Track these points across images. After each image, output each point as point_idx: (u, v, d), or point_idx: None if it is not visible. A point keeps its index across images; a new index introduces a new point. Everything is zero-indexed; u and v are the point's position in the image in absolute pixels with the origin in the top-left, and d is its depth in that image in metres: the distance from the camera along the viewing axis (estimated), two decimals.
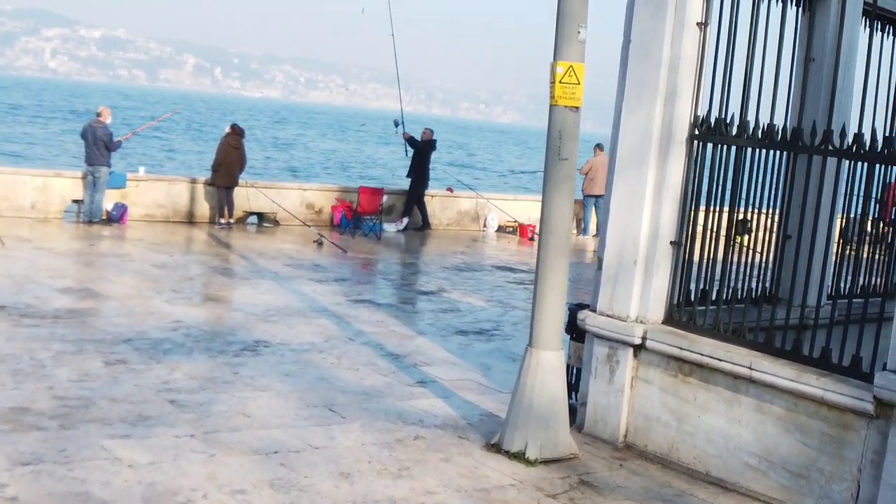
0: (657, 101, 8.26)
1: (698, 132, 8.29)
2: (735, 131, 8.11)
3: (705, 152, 8.30)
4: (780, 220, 8.58)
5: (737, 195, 8.26)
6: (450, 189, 26.36)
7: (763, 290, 8.95)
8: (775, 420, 7.54)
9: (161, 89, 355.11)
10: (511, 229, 25.71)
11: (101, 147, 19.82)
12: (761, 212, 8.34)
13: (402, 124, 23.40)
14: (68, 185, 20.54)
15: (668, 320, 8.47)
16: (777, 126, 8.03)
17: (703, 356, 7.93)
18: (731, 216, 8.33)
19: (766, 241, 8.87)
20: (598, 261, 8.85)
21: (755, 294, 8.79)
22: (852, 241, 8.99)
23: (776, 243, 8.92)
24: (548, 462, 7.91)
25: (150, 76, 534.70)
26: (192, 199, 21.73)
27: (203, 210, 21.78)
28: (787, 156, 8.40)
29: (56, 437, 7.41)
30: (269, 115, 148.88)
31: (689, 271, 8.53)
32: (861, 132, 7.41)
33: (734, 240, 8.49)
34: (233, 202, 21.43)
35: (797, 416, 7.40)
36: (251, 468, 7.18)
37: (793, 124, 8.35)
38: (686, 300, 8.53)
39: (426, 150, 24.24)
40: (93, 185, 19.95)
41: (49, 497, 6.35)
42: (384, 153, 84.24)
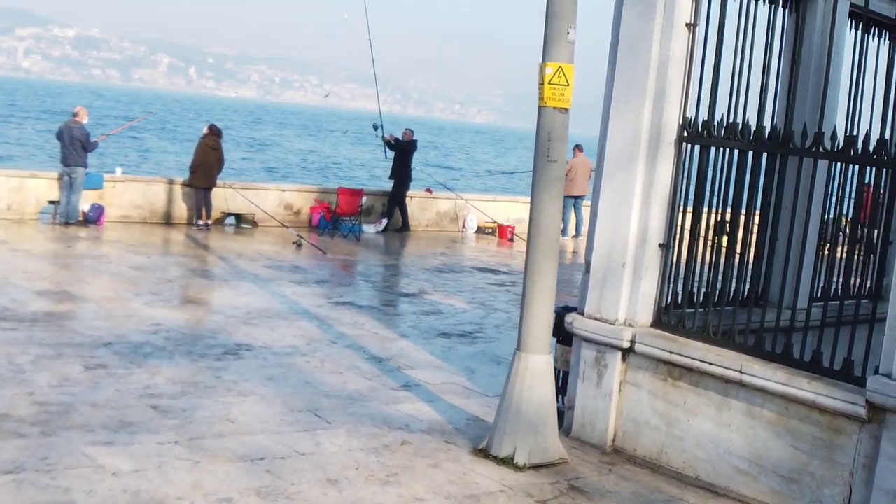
0: (646, 103, 8.19)
1: (687, 134, 8.22)
2: (725, 133, 8.06)
3: (694, 154, 8.24)
4: (765, 221, 8.54)
5: (727, 197, 8.21)
6: (428, 190, 26.27)
7: (750, 292, 8.90)
8: (766, 424, 7.48)
9: (135, 89, 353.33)
10: (490, 230, 25.63)
11: (77, 147, 19.60)
12: (751, 213, 8.28)
13: (381, 127, 23.29)
14: (44, 186, 20.30)
15: (657, 323, 8.40)
16: (767, 128, 7.98)
17: (694, 360, 7.87)
18: (721, 219, 8.28)
19: (754, 243, 8.83)
20: (586, 263, 8.78)
21: (743, 296, 8.73)
22: (833, 242, 8.95)
23: (763, 245, 8.84)
24: (537, 467, 7.83)
25: (124, 76, 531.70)
26: (170, 200, 21.54)
27: (180, 211, 21.60)
28: (776, 158, 8.33)
29: (37, 445, 7.27)
30: (245, 116, 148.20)
31: (677, 274, 8.47)
32: (854, 135, 7.36)
33: (716, 241, 8.43)
34: (211, 203, 21.26)
35: (788, 420, 7.35)
36: (237, 475, 7.07)
37: (779, 126, 8.28)
38: (675, 303, 8.47)
39: (409, 151, 24.13)
40: (69, 186, 19.73)
41: None
42: (359, 153, 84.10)
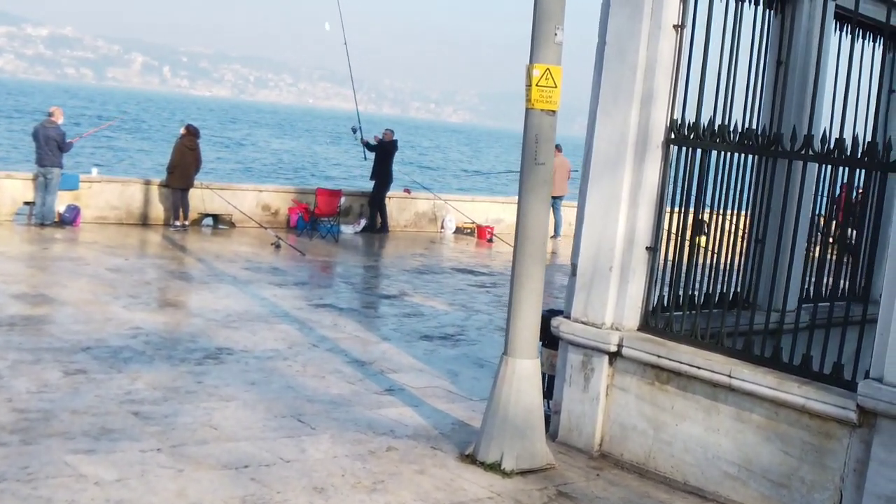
0: (633, 105, 8.13)
1: (675, 136, 8.16)
2: (713, 135, 8.00)
3: (682, 156, 8.19)
4: (753, 223, 8.50)
5: (714, 199, 8.16)
6: (407, 190, 26.14)
7: (736, 294, 8.86)
8: (755, 428, 7.43)
9: (109, 88, 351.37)
10: (469, 231, 25.55)
11: (53, 148, 19.39)
12: (740, 215, 8.24)
13: (359, 130, 23.17)
14: (19, 187, 20.06)
15: (644, 327, 8.34)
16: (755, 130, 7.94)
17: (682, 364, 7.81)
18: (709, 221, 8.23)
19: (742, 245, 8.79)
20: (572, 266, 8.71)
21: (731, 298, 8.68)
22: (814, 244, 8.93)
23: (752, 247, 8.79)
24: (524, 473, 7.74)
25: (97, 75, 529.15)
26: (147, 201, 21.34)
27: (157, 212, 21.41)
28: (762, 160, 8.28)
29: (18, 454, 7.12)
30: (219, 115, 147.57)
31: (665, 277, 8.42)
32: (843, 137, 7.32)
33: (695, 242, 8.38)
34: (188, 204, 21.08)
35: (778, 425, 7.30)
36: (222, 484, 6.95)
37: (764, 127, 8.23)
38: (661, 306, 8.41)
39: (390, 151, 24.01)
40: (44, 187, 19.51)
41: None
42: (336, 153, 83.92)
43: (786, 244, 8.02)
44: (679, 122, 8.15)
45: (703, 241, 8.50)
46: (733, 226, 8.69)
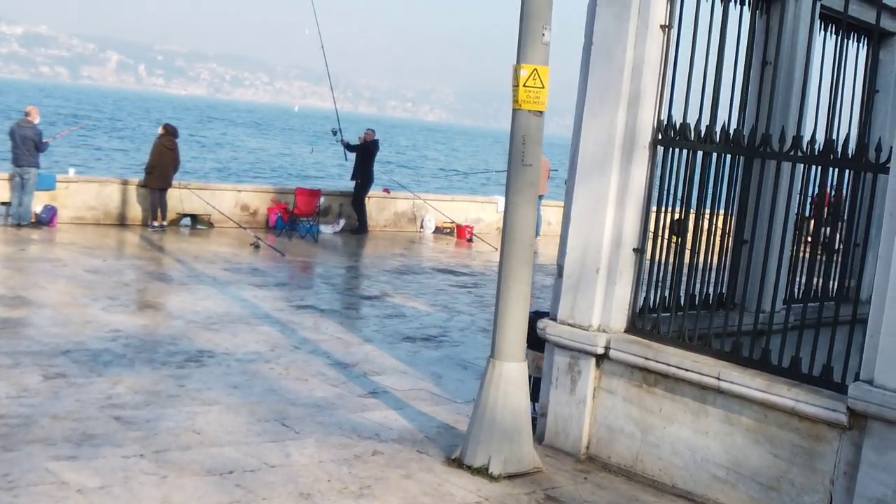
0: (620, 105, 8.07)
1: (662, 137, 8.11)
2: (701, 136, 7.95)
3: (669, 157, 8.14)
4: (739, 224, 8.46)
5: (702, 200, 8.11)
6: (386, 190, 26.03)
7: (721, 295, 8.83)
8: (744, 431, 7.38)
9: (84, 87, 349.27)
10: (448, 230, 25.48)
11: (29, 147, 19.18)
12: (728, 216, 8.20)
13: (339, 132, 23.05)
14: None
15: (632, 329, 8.28)
16: (743, 131, 7.90)
17: (670, 366, 7.75)
18: (696, 221, 8.18)
19: (725, 245, 8.75)
20: (559, 268, 8.65)
21: (717, 299, 8.65)
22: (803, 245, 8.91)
23: (738, 248, 8.75)
24: (511, 477, 7.67)
25: (72, 74, 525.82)
26: (124, 201, 21.17)
27: (135, 212, 21.24)
28: (752, 161, 8.24)
29: None
30: (196, 113, 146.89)
31: (652, 278, 8.36)
32: (833, 138, 7.28)
33: (672, 241, 8.33)
34: (166, 204, 20.91)
35: (767, 427, 7.25)
36: (206, 490, 6.85)
37: (749, 128, 8.18)
38: (648, 307, 8.35)
39: (372, 151, 23.91)
40: (21, 187, 19.30)
41: None
42: (317, 154, 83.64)
43: (774, 245, 7.98)
44: (666, 122, 8.10)
45: (682, 241, 8.45)
46: (720, 227, 8.63)
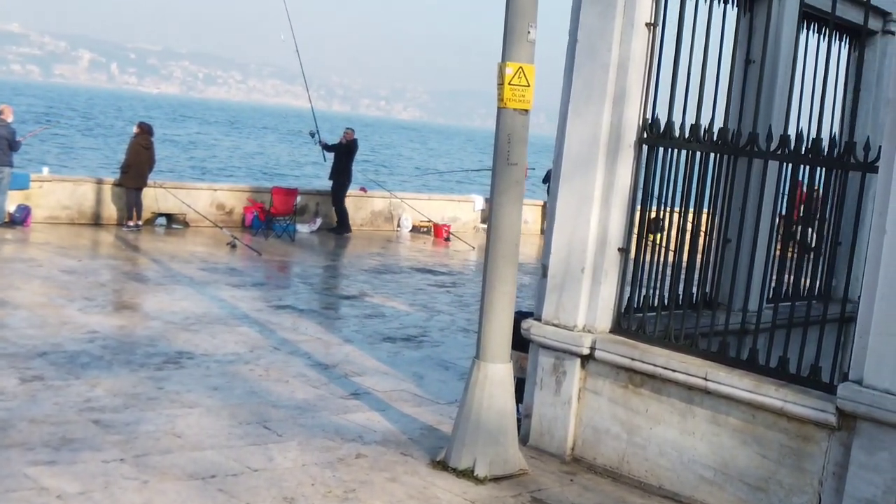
0: (605, 104, 8.00)
1: (648, 135, 8.05)
2: (687, 135, 7.90)
3: (654, 156, 8.08)
4: (723, 223, 8.42)
5: (688, 199, 8.06)
6: (363, 189, 25.92)
7: (705, 294, 8.79)
8: (732, 432, 7.33)
9: (56, 85, 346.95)
10: (425, 229, 25.40)
11: (3, 146, 18.91)
12: (714, 216, 8.16)
13: (317, 133, 22.93)
14: None
15: (617, 329, 8.22)
16: (729, 130, 7.85)
17: (656, 367, 7.69)
18: (682, 221, 8.13)
19: (708, 244, 8.71)
20: (543, 268, 8.57)
21: (704, 299, 8.60)
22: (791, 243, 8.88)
23: (724, 247, 8.70)
24: (497, 479, 7.59)
25: (44, 72, 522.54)
26: (99, 201, 20.94)
27: (110, 211, 21.02)
28: (734, 159, 8.19)
29: None
30: (168, 112, 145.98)
31: (638, 278, 8.31)
32: (819, 137, 7.24)
33: (648, 239, 8.27)
34: (141, 203, 20.71)
35: (755, 428, 7.20)
36: (189, 495, 6.73)
37: (733, 126, 8.14)
38: (634, 307, 8.29)
39: (352, 151, 23.78)
40: None
41: None
42: (285, 151, 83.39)
43: (761, 244, 7.93)
44: (651, 121, 8.04)
45: (660, 239, 8.40)
46: (706, 226, 8.59)
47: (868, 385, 6.56)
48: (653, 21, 7.97)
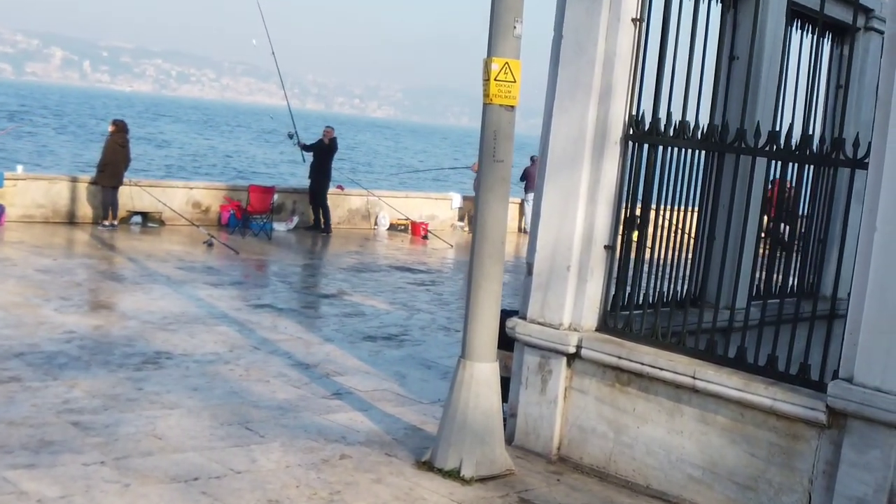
0: (591, 100, 7.92)
1: (634, 132, 7.98)
2: (674, 132, 7.83)
3: (641, 153, 8.01)
4: (709, 220, 8.35)
5: (675, 197, 7.99)
6: (340, 187, 25.77)
7: (692, 292, 8.73)
8: (720, 431, 7.27)
9: (28, 83, 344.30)
10: (402, 227, 25.29)
11: None
12: (703, 213, 8.10)
13: (296, 135, 22.79)
14: None
15: (603, 327, 8.14)
16: (717, 126, 7.79)
17: (644, 365, 7.62)
18: (670, 218, 8.07)
19: (695, 242, 8.65)
20: (528, 266, 8.48)
21: (690, 297, 8.53)
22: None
23: (711, 245, 8.64)
24: (484, 480, 7.49)
25: (16, 70, 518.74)
26: (73, 199, 20.73)
27: (85, 210, 20.81)
28: (720, 156, 8.12)
29: None
30: (141, 110, 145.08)
31: (624, 276, 8.23)
32: (810, 134, 7.19)
33: (629, 237, 8.21)
34: (117, 202, 20.51)
35: (744, 427, 7.14)
36: (172, 498, 6.60)
37: (718, 123, 8.08)
38: (620, 305, 8.22)
39: (332, 149, 23.63)
40: None
41: None
42: (261, 149, 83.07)
43: (749, 242, 7.88)
44: (637, 117, 7.97)
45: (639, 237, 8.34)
46: (692, 223, 8.52)
47: (859, 383, 6.50)
48: (639, 16, 7.89)
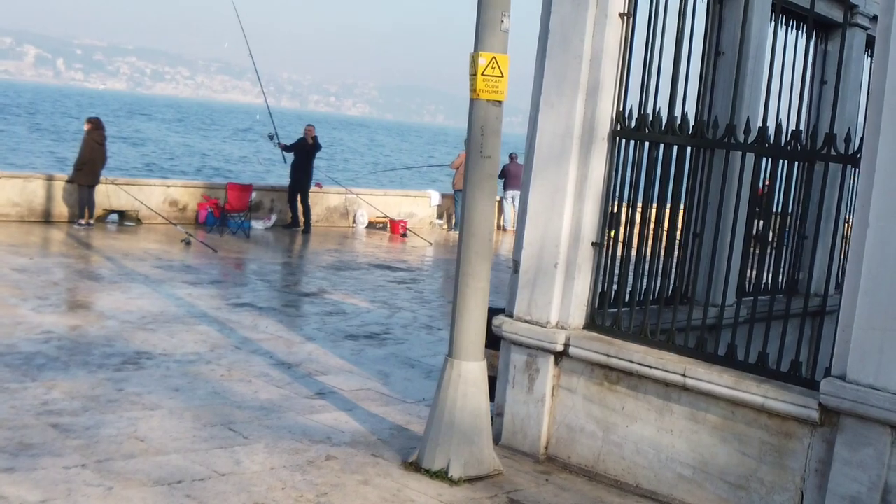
0: (578, 96, 7.83)
1: (622, 128, 7.89)
2: (662, 128, 7.75)
3: (629, 149, 7.93)
4: (696, 217, 8.28)
5: (664, 194, 7.92)
6: (318, 184, 25.61)
7: (680, 290, 8.66)
8: (711, 429, 7.19)
9: (1, 81, 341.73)
10: (381, 225, 25.17)
11: None
12: (691, 210, 8.02)
13: (276, 135, 22.63)
14: None
15: (591, 325, 8.06)
16: (706, 122, 7.71)
17: (633, 363, 7.53)
18: (659, 215, 7.99)
19: (683, 238, 8.57)
20: (514, 263, 8.39)
21: (678, 294, 8.46)
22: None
23: (699, 241, 8.57)
24: (472, 480, 7.39)
25: None
26: (49, 197, 20.52)
27: (60, 209, 20.59)
28: (709, 152, 8.06)
29: None
30: (115, 108, 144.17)
31: (612, 273, 8.15)
32: (799, 129, 7.12)
33: (608, 235, 8.13)
34: (94, 201, 20.31)
35: (735, 425, 7.07)
36: (155, 502, 6.46)
37: (704, 119, 8.00)
38: (608, 303, 8.14)
39: (314, 148, 23.48)
40: None
41: None
42: (237, 148, 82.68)
43: (738, 238, 7.81)
44: (625, 113, 7.89)
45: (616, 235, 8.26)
46: (680, 220, 8.45)
47: (852, 380, 6.43)
48: (626, 11, 7.81)
